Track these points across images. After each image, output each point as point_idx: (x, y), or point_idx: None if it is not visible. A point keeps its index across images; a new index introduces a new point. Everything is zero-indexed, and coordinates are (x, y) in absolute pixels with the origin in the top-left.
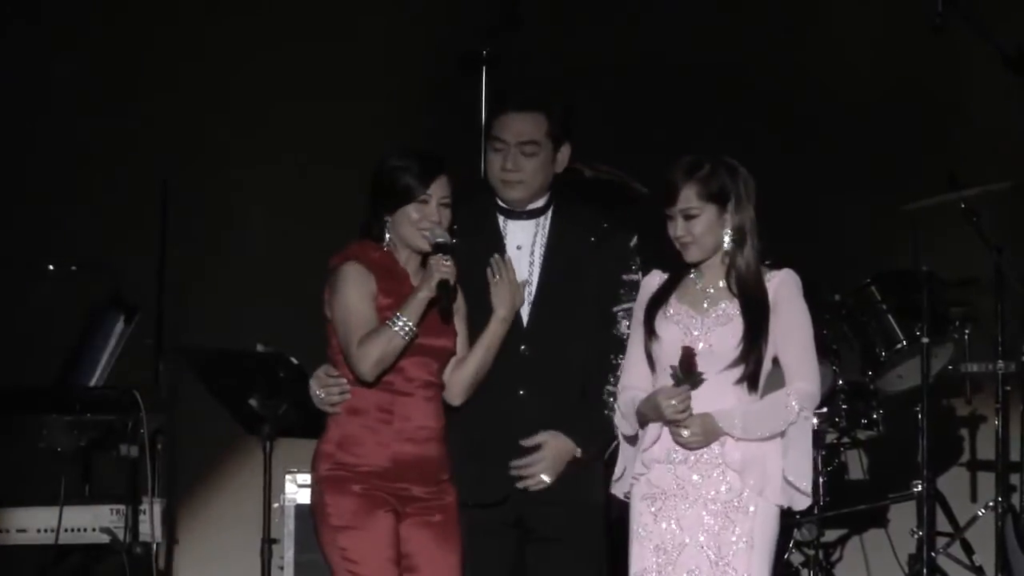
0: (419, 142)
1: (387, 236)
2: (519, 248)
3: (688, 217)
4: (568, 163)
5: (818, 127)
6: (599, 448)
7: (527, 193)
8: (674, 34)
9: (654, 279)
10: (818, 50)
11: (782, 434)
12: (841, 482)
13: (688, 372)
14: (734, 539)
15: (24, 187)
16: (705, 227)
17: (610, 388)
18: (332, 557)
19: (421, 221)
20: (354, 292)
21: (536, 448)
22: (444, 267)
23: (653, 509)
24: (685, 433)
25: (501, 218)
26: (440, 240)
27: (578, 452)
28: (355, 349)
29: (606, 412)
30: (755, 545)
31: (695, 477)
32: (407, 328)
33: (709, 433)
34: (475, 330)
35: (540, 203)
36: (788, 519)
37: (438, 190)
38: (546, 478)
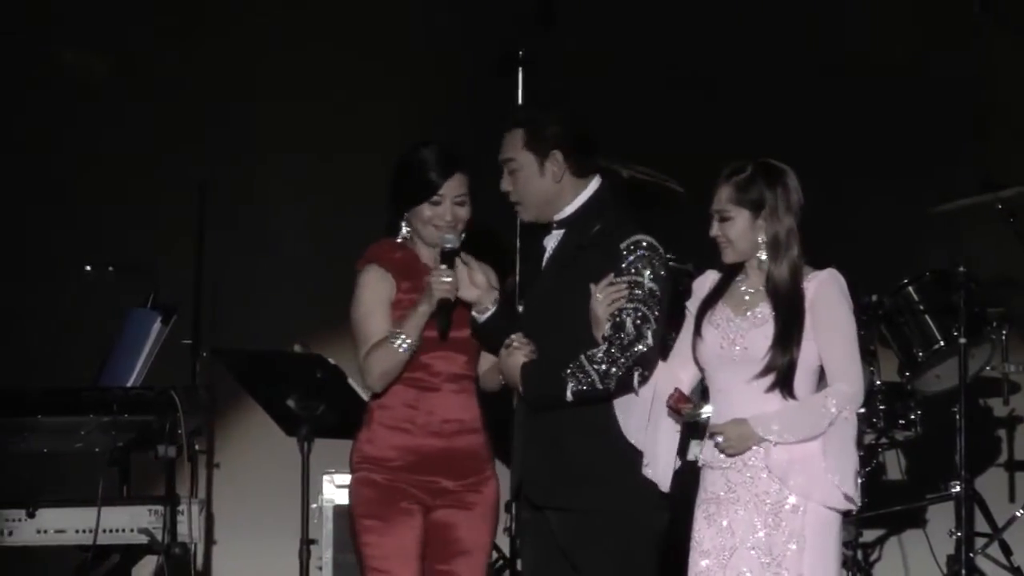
0: (455, 141)
1: (404, 232)
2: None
3: (722, 219)
4: (605, 164)
5: (855, 128)
6: (535, 391)
7: (529, 212)
8: (710, 32)
9: (707, 280)
10: (854, 49)
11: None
12: (879, 483)
13: (679, 412)
14: (784, 540)
15: (61, 189)
16: (739, 231)
17: (583, 357)
18: (358, 551)
19: (434, 219)
20: (368, 299)
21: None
22: (443, 285)
23: (707, 515)
24: (719, 439)
25: (555, 226)
26: (448, 247)
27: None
28: (362, 360)
29: (563, 374)
30: (807, 546)
31: (746, 479)
32: (407, 344)
33: (743, 438)
34: (525, 327)
35: (566, 213)
36: None
37: (452, 189)
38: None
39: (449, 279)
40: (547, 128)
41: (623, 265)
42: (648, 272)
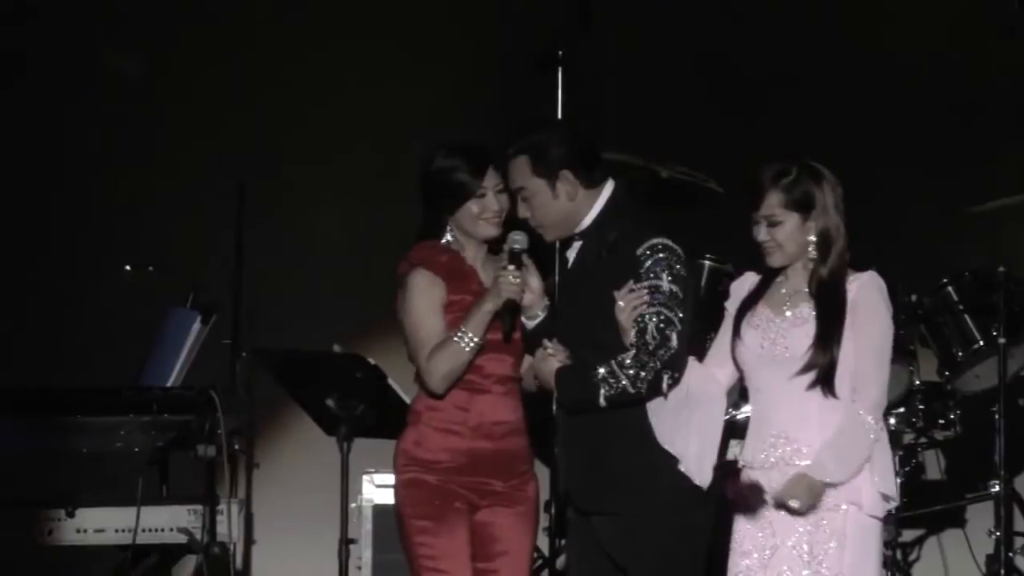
0: (496, 143)
1: (449, 235)
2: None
3: (771, 224)
4: (644, 163)
5: (895, 128)
6: (569, 396)
7: (551, 233)
8: (744, 34)
9: (746, 282)
10: (890, 49)
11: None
12: (918, 482)
13: (748, 500)
14: (825, 538)
15: (101, 189)
16: (788, 234)
17: (614, 363)
18: (411, 553)
19: (483, 213)
20: (422, 302)
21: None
22: (512, 286)
23: (747, 515)
24: (795, 504)
25: (575, 238)
26: (516, 247)
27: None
28: (424, 363)
29: (595, 379)
30: (848, 545)
31: (785, 478)
32: (473, 343)
33: (813, 492)
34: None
35: (585, 224)
36: None
37: (490, 180)
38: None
39: (518, 279)
40: (550, 151)
41: (641, 271)
42: (666, 275)
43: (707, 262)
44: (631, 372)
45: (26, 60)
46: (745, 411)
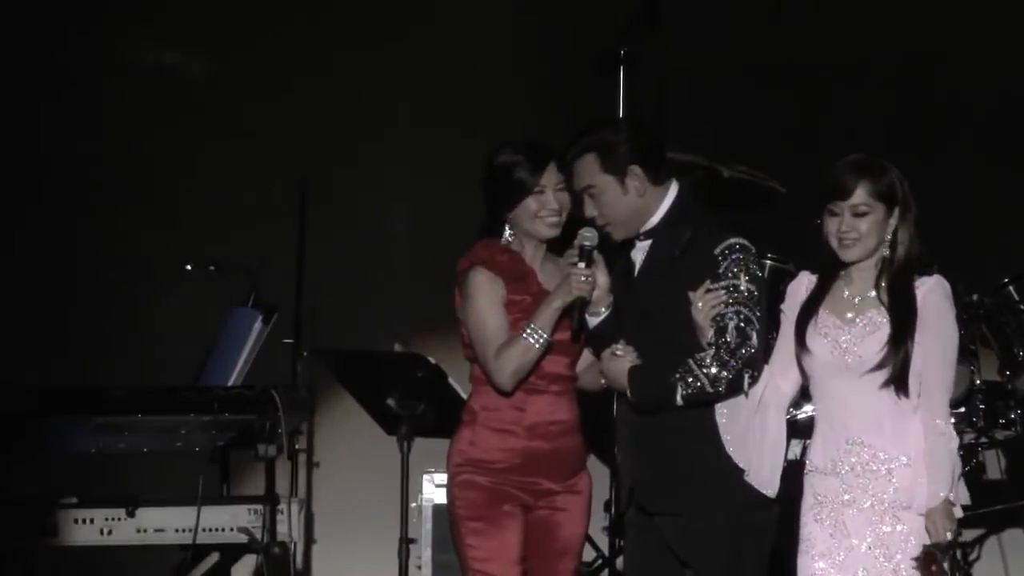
0: (558, 142)
1: (507, 233)
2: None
3: (857, 214)
4: (707, 163)
5: (956, 126)
6: (643, 395)
7: (620, 231)
8: (812, 31)
9: (801, 284)
10: (947, 46)
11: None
12: (979, 482)
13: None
14: (903, 539)
15: (162, 188)
16: (871, 226)
17: (692, 362)
18: (462, 554)
19: (541, 211)
20: (484, 300)
21: None
22: (582, 283)
23: (820, 518)
24: (949, 536)
25: (641, 237)
26: (586, 244)
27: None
28: (492, 362)
29: (672, 378)
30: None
31: (862, 482)
32: (542, 340)
33: (947, 517)
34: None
35: (652, 223)
36: None
37: (550, 178)
38: None
39: (589, 276)
40: (619, 147)
41: (719, 271)
42: (744, 275)
43: (769, 262)
44: (712, 371)
45: (88, 62)
46: (805, 410)
